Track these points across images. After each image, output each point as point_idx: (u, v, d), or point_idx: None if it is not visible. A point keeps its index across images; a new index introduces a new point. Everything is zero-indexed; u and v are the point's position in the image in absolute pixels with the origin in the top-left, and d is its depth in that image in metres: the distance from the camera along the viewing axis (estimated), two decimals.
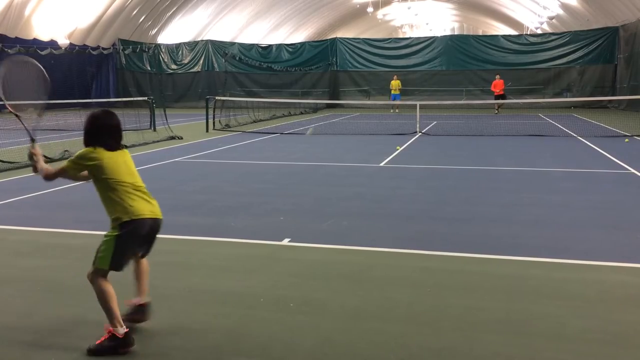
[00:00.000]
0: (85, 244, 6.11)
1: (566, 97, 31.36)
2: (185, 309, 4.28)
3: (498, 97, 27.22)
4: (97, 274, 3.71)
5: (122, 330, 3.58)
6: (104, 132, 3.83)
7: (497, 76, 27.85)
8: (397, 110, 29.85)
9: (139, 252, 3.91)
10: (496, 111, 27.92)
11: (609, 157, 11.95)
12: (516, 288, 4.62)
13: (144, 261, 4.00)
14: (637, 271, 5.04)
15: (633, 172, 10.08)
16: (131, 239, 3.70)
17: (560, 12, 38.21)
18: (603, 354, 3.52)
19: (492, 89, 27.87)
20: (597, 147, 13.66)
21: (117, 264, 3.70)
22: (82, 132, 3.87)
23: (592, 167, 10.80)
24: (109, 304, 3.62)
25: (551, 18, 39.36)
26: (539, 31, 43.65)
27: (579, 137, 15.88)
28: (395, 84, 30.15)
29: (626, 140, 15.14)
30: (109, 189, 3.73)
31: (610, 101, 29.65)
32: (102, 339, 3.61)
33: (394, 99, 29.45)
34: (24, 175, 10.46)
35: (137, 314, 3.90)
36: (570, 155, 12.57)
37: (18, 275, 5.10)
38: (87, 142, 3.82)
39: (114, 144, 3.85)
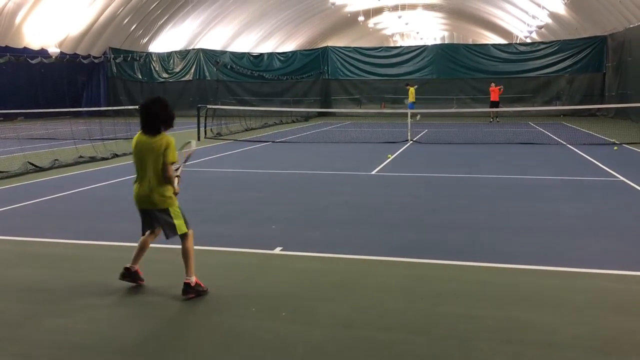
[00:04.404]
0: (72, 254, 6.08)
1: (555, 105, 31.59)
2: (176, 318, 4.27)
3: (494, 104, 27.21)
4: None
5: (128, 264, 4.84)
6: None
7: (493, 84, 27.82)
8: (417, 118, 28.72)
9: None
10: (492, 120, 27.88)
11: (598, 165, 12.05)
12: (507, 295, 4.64)
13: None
14: (626, 278, 5.07)
15: (622, 180, 10.16)
16: None
17: (549, 21, 38.60)
18: None
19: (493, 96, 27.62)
20: (587, 155, 13.76)
21: None
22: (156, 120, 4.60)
23: (581, 175, 10.88)
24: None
25: (540, 27, 39.74)
26: (528, 40, 44.03)
27: (568, 145, 16.00)
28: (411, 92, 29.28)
29: (615, 148, 15.27)
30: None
31: (599, 109, 29.89)
32: None
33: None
34: (11, 185, 10.39)
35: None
36: (560, 163, 12.66)
37: (5, 285, 5.06)
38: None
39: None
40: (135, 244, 6.29)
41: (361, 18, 47.03)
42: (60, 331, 4.07)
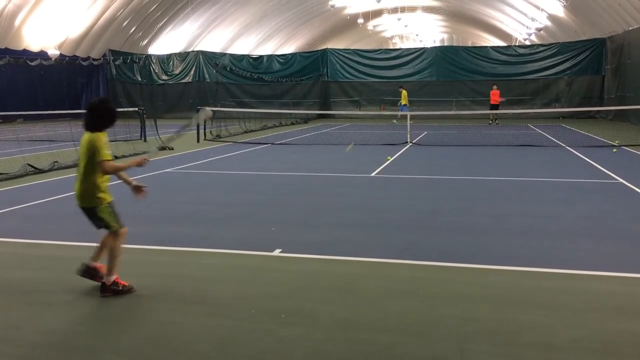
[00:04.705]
0: (72, 255, 6.07)
1: (555, 107, 31.63)
2: (174, 320, 4.26)
3: (494, 107, 27.29)
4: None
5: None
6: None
7: (495, 86, 27.94)
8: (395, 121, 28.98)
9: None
10: (491, 122, 27.96)
11: (597, 167, 12.05)
12: (506, 298, 4.64)
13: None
14: (626, 281, 5.07)
15: (621, 182, 10.17)
16: None
17: (548, 23, 38.66)
18: None
19: (491, 99, 27.71)
20: (586, 157, 13.77)
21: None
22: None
23: (581, 177, 10.88)
24: None
25: (539, 30, 39.79)
26: (527, 42, 44.09)
27: (567, 147, 16.01)
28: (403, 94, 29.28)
29: (614, 150, 15.28)
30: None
31: (598, 112, 29.91)
32: None
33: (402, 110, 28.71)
34: (11, 187, 10.39)
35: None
36: (560, 165, 12.66)
37: (5, 287, 5.06)
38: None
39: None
40: (134, 246, 6.31)
41: (360, 20, 47.09)
42: (59, 333, 4.07)
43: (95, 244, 6.41)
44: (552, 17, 36.96)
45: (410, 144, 17.34)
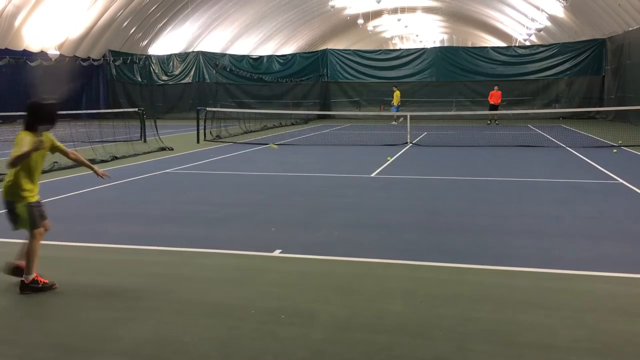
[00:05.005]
0: (70, 256, 6.07)
1: (555, 108, 31.64)
2: (175, 320, 4.26)
3: (493, 107, 27.35)
4: None
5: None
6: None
7: (496, 87, 28.02)
8: (394, 122, 29.05)
9: None
10: (489, 122, 28.03)
11: (597, 168, 12.05)
12: (506, 298, 4.64)
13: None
14: (625, 281, 5.07)
15: (621, 183, 10.17)
16: None
17: (548, 24, 38.68)
18: None
19: (490, 99, 27.81)
20: (586, 157, 13.77)
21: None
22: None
23: (581, 178, 10.88)
24: None
25: (539, 30, 39.80)
26: (527, 43, 44.10)
27: (567, 148, 16.01)
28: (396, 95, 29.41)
29: (614, 150, 15.29)
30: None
31: (598, 112, 29.93)
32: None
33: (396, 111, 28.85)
34: None
35: None
36: (560, 165, 12.66)
37: (5, 288, 5.06)
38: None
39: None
40: (134, 246, 6.31)
41: (360, 21, 47.12)
42: (59, 333, 4.07)
43: (97, 245, 6.43)
44: (552, 18, 36.98)
45: (410, 144, 17.34)
